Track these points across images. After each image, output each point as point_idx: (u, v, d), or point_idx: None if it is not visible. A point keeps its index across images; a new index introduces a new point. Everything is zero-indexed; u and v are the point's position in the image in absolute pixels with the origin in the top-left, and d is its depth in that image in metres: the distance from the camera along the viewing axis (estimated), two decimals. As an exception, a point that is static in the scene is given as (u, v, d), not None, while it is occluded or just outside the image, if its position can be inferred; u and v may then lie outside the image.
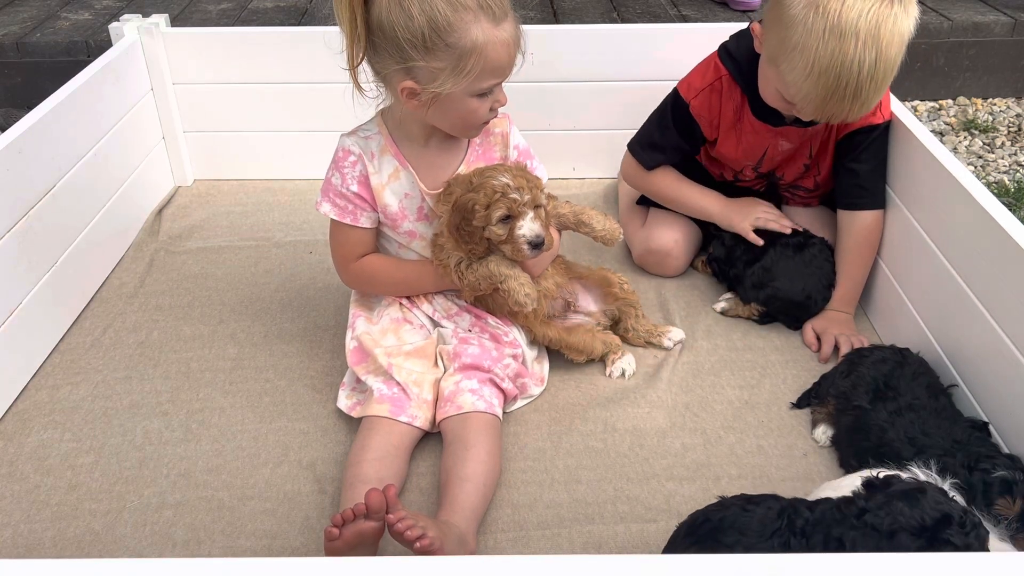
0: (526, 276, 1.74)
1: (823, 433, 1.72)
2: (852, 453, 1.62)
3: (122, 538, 1.53)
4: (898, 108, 2.00)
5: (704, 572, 0.86)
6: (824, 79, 1.71)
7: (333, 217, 1.76)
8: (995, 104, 3.57)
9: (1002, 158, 3.15)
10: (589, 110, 2.58)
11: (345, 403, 1.77)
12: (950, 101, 3.59)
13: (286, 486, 1.64)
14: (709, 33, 2.17)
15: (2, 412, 1.81)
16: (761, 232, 2.06)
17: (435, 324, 1.85)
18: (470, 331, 1.82)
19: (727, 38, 2.03)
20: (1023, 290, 1.49)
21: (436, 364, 1.78)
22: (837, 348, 1.92)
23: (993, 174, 3.04)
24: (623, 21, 3.69)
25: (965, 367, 1.68)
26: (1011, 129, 3.37)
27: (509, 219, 1.65)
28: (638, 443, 1.72)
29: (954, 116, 3.47)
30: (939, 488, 1.21)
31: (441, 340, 1.82)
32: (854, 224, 2.00)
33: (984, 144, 3.26)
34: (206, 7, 3.86)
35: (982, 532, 1.15)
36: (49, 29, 3.54)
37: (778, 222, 2.06)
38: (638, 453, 1.70)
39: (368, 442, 1.61)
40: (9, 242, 1.84)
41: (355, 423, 1.72)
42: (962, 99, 3.60)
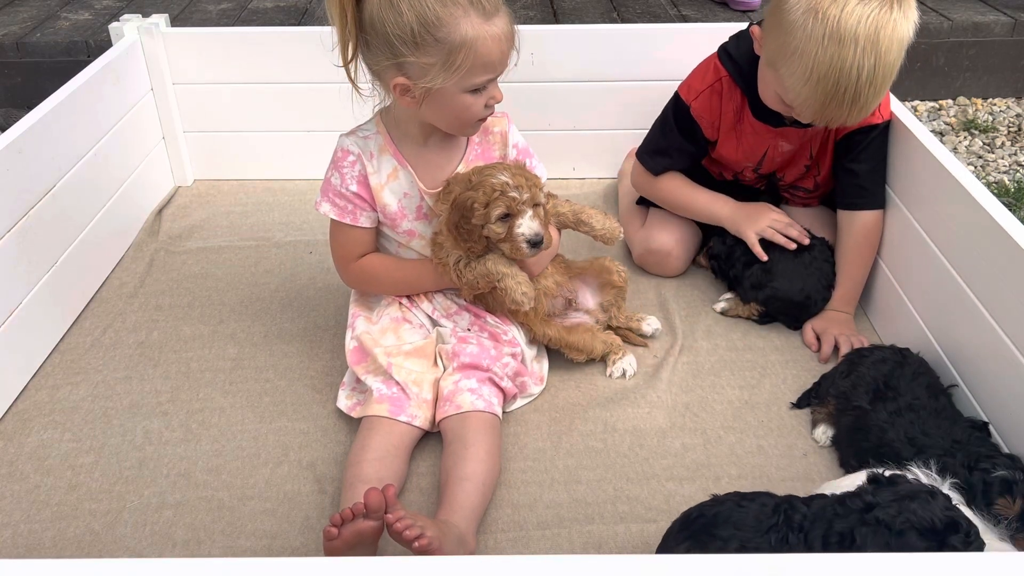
0: (524, 275, 1.74)
1: (823, 433, 1.72)
2: (852, 453, 1.62)
3: (122, 538, 1.53)
4: (898, 108, 2.00)
5: (704, 572, 0.86)
6: (823, 84, 1.70)
7: (333, 217, 1.76)
8: (995, 104, 3.56)
9: (1002, 158, 3.15)
10: (589, 110, 2.58)
11: (345, 403, 1.77)
12: (950, 101, 3.59)
13: (286, 486, 1.64)
14: (709, 33, 2.17)
15: (2, 412, 1.81)
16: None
17: (434, 323, 1.85)
18: (469, 330, 1.82)
19: (727, 39, 2.02)
20: (1023, 290, 1.49)
21: (435, 363, 1.78)
22: (837, 348, 1.92)
23: (993, 174, 3.04)
24: (623, 21, 3.68)
25: (965, 367, 1.68)
26: (1011, 129, 3.37)
27: (508, 217, 1.65)
28: (638, 443, 1.72)
29: (954, 116, 3.47)
30: (946, 494, 1.22)
31: (440, 339, 1.82)
32: (854, 224, 2.00)
33: (984, 144, 3.26)
34: (206, 7, 3.86)
35: (981, 544, 1.17)
36: (49, 29, 3.54)
37: (787, 233, 2.01)
38: (638, 453, 1.70)
39: (368, 442, 1.61)
40: (9, 242, 1.84)
41: (355, 423, 1.72)
42: (962, 99, 3.60)
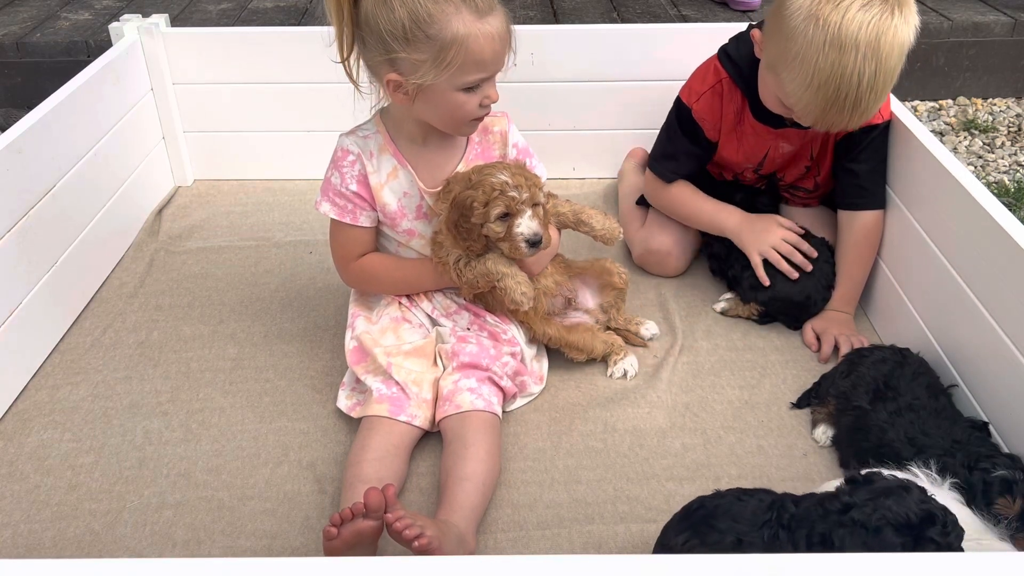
0: (523, 275, 1.74)
1: (823, 433, 1.72)
2: (852, 453, 1.62)
3: (122, 538, 1.53)
4: (898, 108, 1.99)
5: (704, 572, 0.86)
6: (824, 91, 1.70)
7: (333, 216, 1.76)
8: (995, 104, 3.56)
9: (1002, 158, 3.15)
10: (589, 110, 2.58)
11: (345, 403, 1.77)
12: (950, 101, 3.59)
13: (286, 486, 1.64)
14: (709, 33, 2.17)
15: (2, 412, 1.81)
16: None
17: (434, 323, 1.85)
18: (468, 329, 1.82)
19: (727, 40, 2.02)
20: (1023, 290, 1.49)
21: (435, 363, 1.78)
22: (837, 348, 1.92)
23: (993, 174, 3.04)
24: (623, 21, 3.68)
25: (965, 367, 1.68)
26: (1011, 129, 3.37)
27: (507, 217, 1.65)
28: (638, 443, 1.72)
29: (954, 116, 3.47)
30: (921, 487, 1.22)
31: (440, 339, 1.82)
32: (854, 224, 2.00)
33: (984, 144, 3.26)
34: (206, 7, 3.86)
35: (961, 532, 1.16)
36: (49, 29, 3.54)
37: (791, 257, 1.97)
38: (638, 453, 1.70)
39: (368, 442, 1.61)
40: (9, 242, 1.84)
41: (355, 423, 1.72)
42: (962, 99, 3.60)
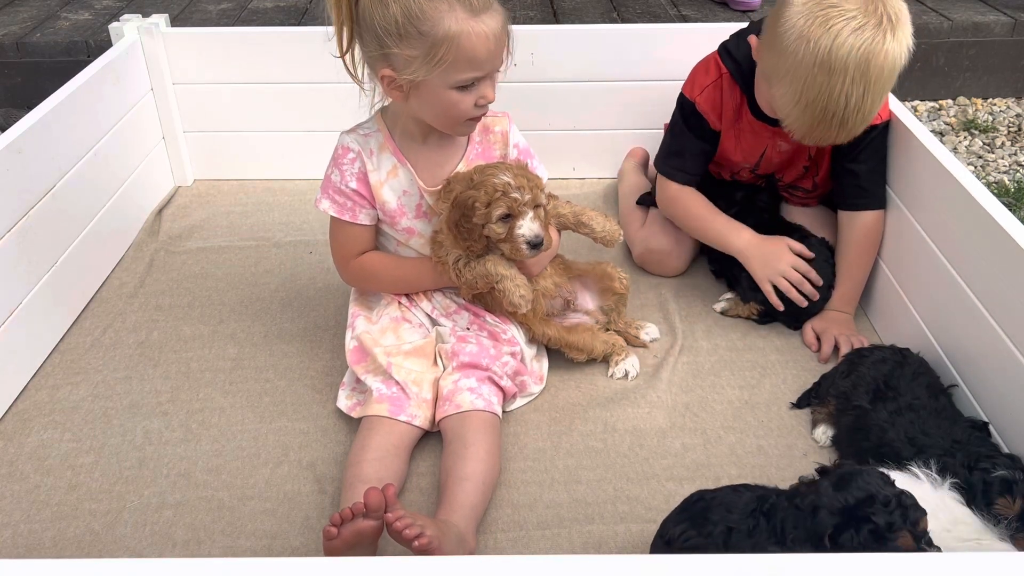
0: (522, 278, 1.74)
1: (823, 433, 1.72)
2: (852, 453, 1.62)
3: (122, 538, 1.53)
4: (898, 108, 1.99)
5: (704, 572, 0.86)
6: (811, 109, 1.73)
7: (332, 214, 1.76)
8: (995, 104, 3.56)
9: (1002, 158, 3.15)
10: (589, 110, 2.58)
11: (345, 403, 1.77)
12: (950, 101, 3.59)
13: (286, 486, 1.64)
14: (709, 33, 2.17)
15: (2, 412, 1.81)
16: (757, 231, 2.04)
17: (434, 323, 1.85)
18: (468, 329, 1.82)
19: (727, 37, 2.03)
20: (1023, 290, 1.49)
21: (435, 363, 1.78)
22: (837, 348, 1.92)
23: (993, 174, 3.04)
24: (623, 21, 3.68)
25: (965, 367, 1.68)
26: (1011, 129, 3.37)
27: (509, 218, 1.65)
28: (638, 443, 1.72)
29: (954, 116, 3.47)
30: (882, 473, 1.22)
31: (440, 339, 1.82)
32: (854, 224, 2.00)
33: (984, 144, 3.26)
34: (206, 7, 3.86)
35: (912, 514, 1.15)
36: (49, 29, 3.54)
37: (802, 285, 1.94)
38: (638, 453, 1.70)
39: (368, 442, 1.61)
40: (9, 242, 1.84)
41: (355, 423, 1.72)
42: (962, 99, 3.60)
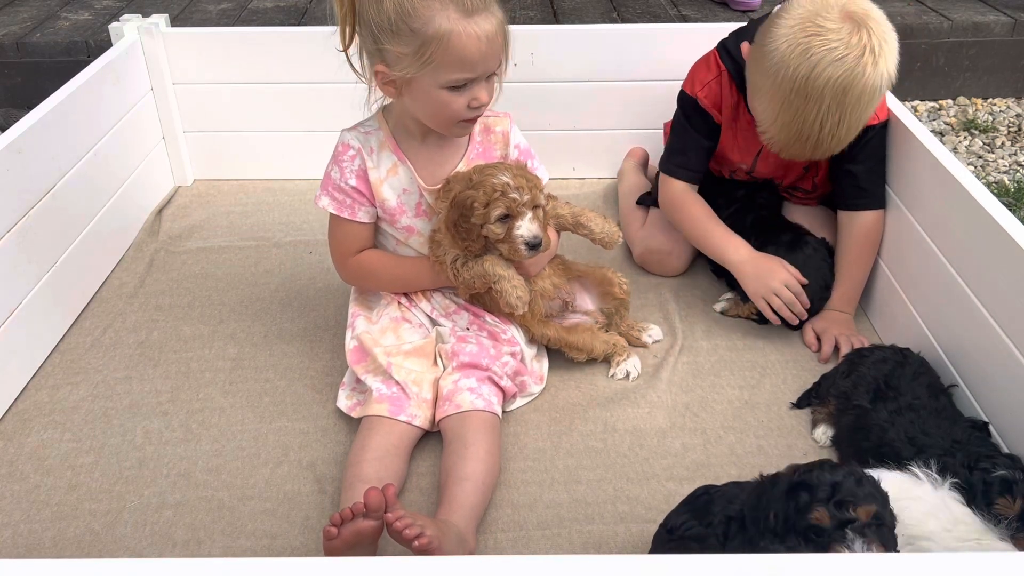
0: (520, 279, 1.73)
1: (823, 434, 1.72)
2: (852, 453, 1.62)
3: (122, 538, 1.53)
4: (898, 108, 1.99)
5: (704, 572, 0.86)
6: (787, 130, 1.78)
7: (331, 211, 1.77)
8: (995, 104, 3.56)
9: (1002, 158, 3.15)
10: (589, 110, 2.58)
11: (345, 403, 1.77)
12: (950, 101, 3.59)
13: (286, 486, 1.64)
14: (709, 33, 2.17)
15: (2, 412, 1.81)
16: (756, 230, 2.03)
17: (433, 323, 1.85)
18: (468, 329, 1.82)
19: (727, 36, 2.03)
20: (1023, 290, 1.49)
21: (435, 363, 1.78)
22: (837, 348, 1.92)
23: (993, 174, 3.04)
24: (623, 21, 3.68)
25: (965, 367, 1.68)
26: (1011, 129, 3.37)
27: (508, 218, 1.65)
28: (638, 443, 1.72)
29: (954, 116, 3.47)
30: (858, 470, 1.20)
31: (440, 339, 1.82)
32: (854, 224, 2.00)
33: (984, 144, 3.26)
34: (206, 7, 3.86)
35: (847, 499, 1.14)
36: (49, 29, 3.54)
37: (793, 305, 1.92)
38: (638, 453, 1.70)
39: (368, 442, 1.61)
40: (9, 242, 1.84)
41: (355, 423, 1.71)
42: (962, 99, 3.60)
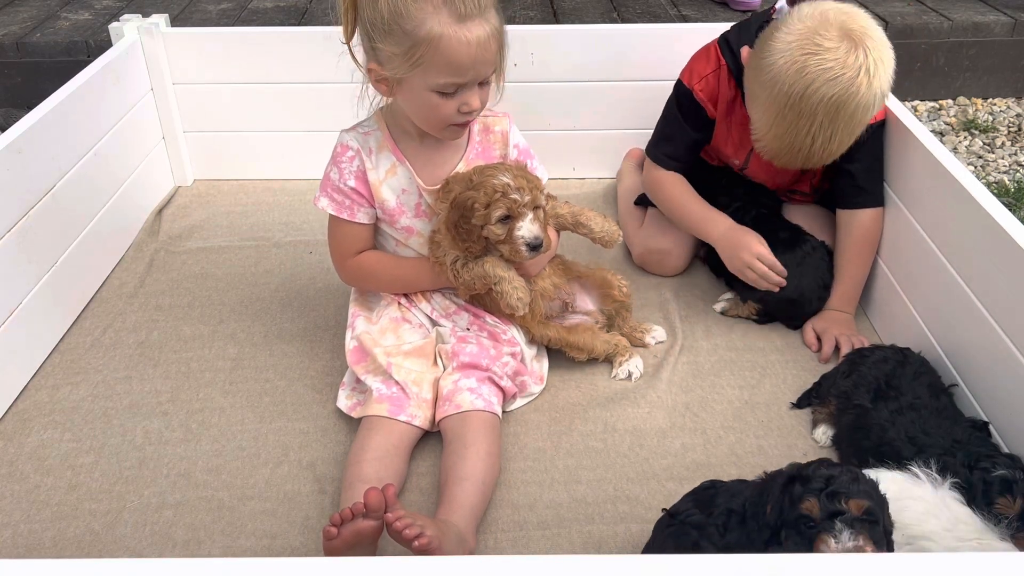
0: (520, 280, 1.73)
1: (823, 434, 1.72)
2: (853, 452, 1.62)
3: (122, 538, 1.53)
4: (898, 108, 1.99)
5: (704, 572, 0.86)
6: (779, 141, 1.80)
7: (331, 212, 1.77)
8: (995, 104, 3.56)
9: (1002, 158, 3.15)
10: (589, 110, 2.58)
11: (345, 403, 1.77)
12: (950, 101, 3.59)
13: (286, 486, 1.64)
14: (709, 33, 2.16)
15: (2, 412, 1.81)
16: (756, 228, 2.02)
17: (434, 323, 1.85)
18: (468, 330, 1.82)
19: (729, 29, 2.03)
20: (1023, 290, 1.49)
21: (435, 363, 1.78)
22: (838, 348, 1.92)
23: (993, 174, 3.04)
24: (623, 21, 3.68)
25: (965, 367, 1.68)
26: (1011, 129, 3.37)
27: (508, 219, 1.65)
28: (638, 443, 1.72)
29: (954, 116, 3.47)
30: (854, 469, 1.22)
31: (440, 339, 1.82)
32: (853, 223, 2.00)
33: (984, 144, 3.26)
34: (206, 7, 3.86)
35: (839, 491, 1.16)
36: (49, 29, 3.54)
37: (767, 276, 1.94)
38: (638, 453, 1.70)
39: (367, 442, 1.61)
40: (9, 242, 1.84)
41: (355, 423, 1.71)
42: (962, 99, 3.60)
